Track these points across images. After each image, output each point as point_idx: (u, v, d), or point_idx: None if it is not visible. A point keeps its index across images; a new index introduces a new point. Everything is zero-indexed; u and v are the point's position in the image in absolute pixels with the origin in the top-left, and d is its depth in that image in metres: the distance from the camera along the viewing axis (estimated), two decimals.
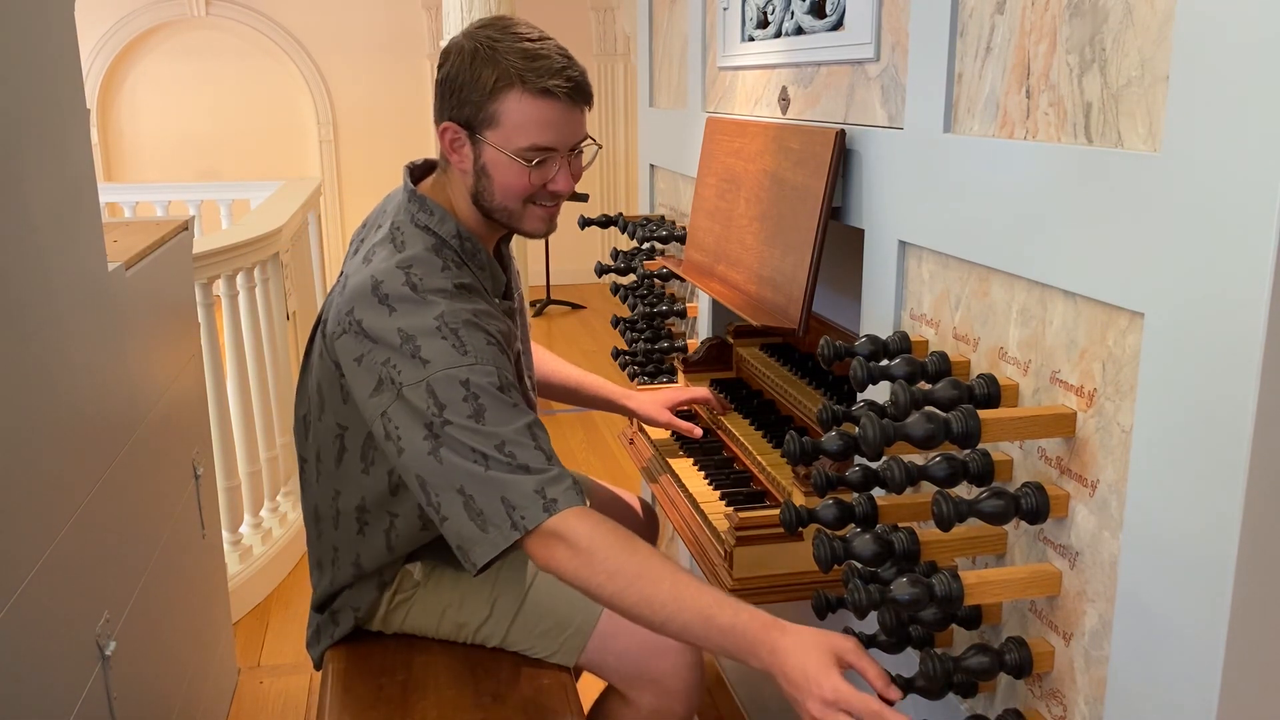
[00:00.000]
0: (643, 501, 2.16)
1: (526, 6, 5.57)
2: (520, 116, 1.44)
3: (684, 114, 2.26)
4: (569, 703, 1.59)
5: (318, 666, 1.74)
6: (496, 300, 1.58)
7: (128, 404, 1.94)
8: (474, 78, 1.44)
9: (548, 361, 2.08)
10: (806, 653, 1.15)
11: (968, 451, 1.07)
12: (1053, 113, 1.03)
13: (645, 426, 2.08)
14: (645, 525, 2.13)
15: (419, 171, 1.62)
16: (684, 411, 2.13)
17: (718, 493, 1.74)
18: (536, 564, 1.37)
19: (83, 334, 1.69)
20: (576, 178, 1.52)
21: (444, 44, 1.57)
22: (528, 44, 1.45)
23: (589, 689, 1.79)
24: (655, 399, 2.03)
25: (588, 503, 1.39)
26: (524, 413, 1.40)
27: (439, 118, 1.51)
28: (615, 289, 2.33)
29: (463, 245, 1.53)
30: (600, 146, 1.57)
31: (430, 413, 1.37)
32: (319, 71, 8.00)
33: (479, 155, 1.48)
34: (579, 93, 1.47)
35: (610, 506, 2.09)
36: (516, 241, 1.85)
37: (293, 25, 7.89)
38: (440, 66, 1.51)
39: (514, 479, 1.34)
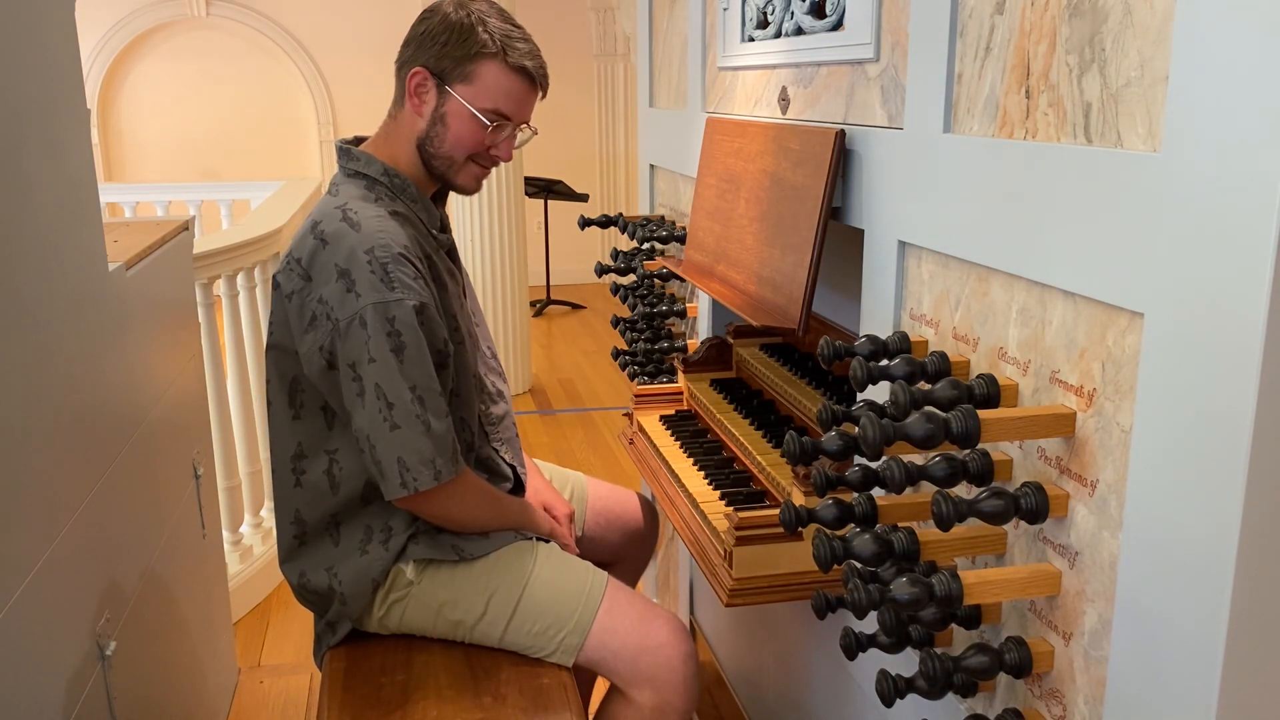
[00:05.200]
0: (643, 499, 2.16)
1: (527, 6, 5.57)
2: (492, 81, 1.64)
3: (684, 114, 2.26)
4: (569, 702, 1.59)
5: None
6: (434, 233, 1.71)
7: (128, 404, 1.94)
8: (460, 37, 1.62)
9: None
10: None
11: (967, 451, 1.07)
12: (1052, 113, 1.03)
13: (645, 427, 2.08)
14: (645, 523, 2.13)
15: (350, 143, 1.76)
16: (685, 411, 2.13)
17: (718, 492, 1.74)
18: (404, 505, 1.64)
19: (83, 334, 1.69)
20: (511, 154, 1.75)
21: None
22: (511, 27, 1.66)
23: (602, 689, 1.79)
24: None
25: (463, 467, 1.63)
26: (436, 357, 1.58)
27: (410, 63, 1.66)
28: (615, 289, 2.33)
29: (391, 181, 1.68)
30: (536, 133, 1.76)
31: (358, 350, 1.53)
32: (319, 71, 8.00)
33: (441, 104, 1.65)
34: (543, 79, 1.70)
35: (610, 504, 2.10)
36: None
37: (293, 25, 7.89)
38: (422, 21, 1.66)
39: (412, 441, 1.55)
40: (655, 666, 1.65)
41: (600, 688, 1.81)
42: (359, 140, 1.75)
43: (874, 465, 1.10)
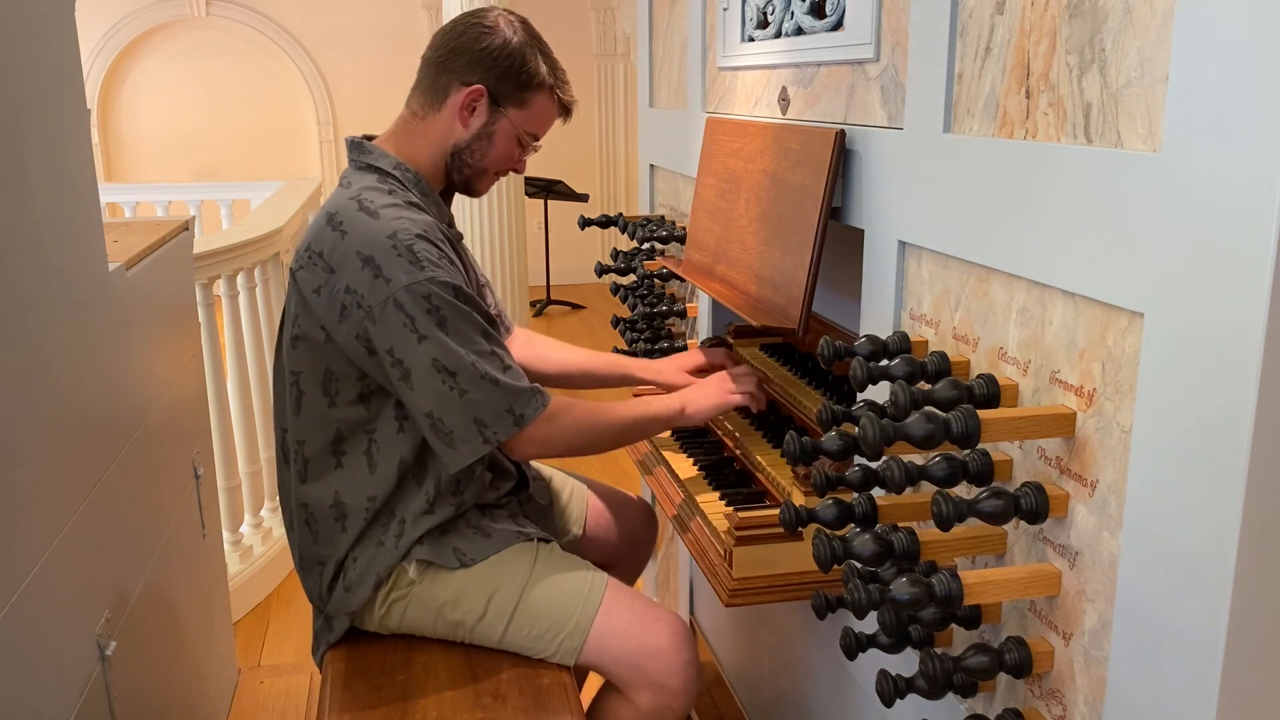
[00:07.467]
0: (642, 501, 2.16)
1: (527, 6, 5.56)
2: (542, 111, 1.75)
3: (684, 114, 2.26)
4: (569, 702, 1.60)
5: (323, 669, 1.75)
6: (444, 227, 1.71)
7: (128, 404, 1.94)
8: (523, 64, 1.70)
9: (553, 349, 2.09)
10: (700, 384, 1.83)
11: (967, 451, 1.07)
12: (1052, 113, 1.03)
13: None
14: (645, 526, 2.13)
15: (358, 139, 1.77)
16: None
17: (717, 492, 1.74)
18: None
19: (83, 334, 1.69)
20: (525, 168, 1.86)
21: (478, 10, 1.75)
22: (557, 59, 1.77)
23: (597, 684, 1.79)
24: (672, 365, 2.02)
25: (549, 399, 1.62)
26: (482, 319, 1.60)
27: (460, 75, 1.68)
28: (615, 289, 2.33)
29: (404, 175, 1.70)
30: (540, 148, 1.84)
31: (397, 334, 1.53)
32: (319, 71, 8.00)
33: (492, 123, 1.71)
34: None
35: (610, 506, 2.10)
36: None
37: (293, 25, 7.90)
38: (478, 35, 1.68)
39: (484, 399, 1.55)
40: (656, 671, 1.65)
41: (595, 681, 1.80)
42: (369, 139, 1.76)
43: (874, 465, 1.10)
